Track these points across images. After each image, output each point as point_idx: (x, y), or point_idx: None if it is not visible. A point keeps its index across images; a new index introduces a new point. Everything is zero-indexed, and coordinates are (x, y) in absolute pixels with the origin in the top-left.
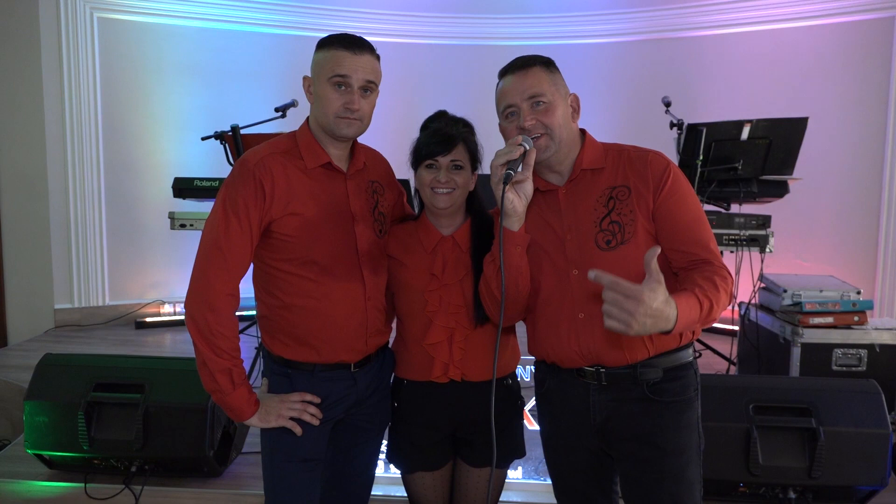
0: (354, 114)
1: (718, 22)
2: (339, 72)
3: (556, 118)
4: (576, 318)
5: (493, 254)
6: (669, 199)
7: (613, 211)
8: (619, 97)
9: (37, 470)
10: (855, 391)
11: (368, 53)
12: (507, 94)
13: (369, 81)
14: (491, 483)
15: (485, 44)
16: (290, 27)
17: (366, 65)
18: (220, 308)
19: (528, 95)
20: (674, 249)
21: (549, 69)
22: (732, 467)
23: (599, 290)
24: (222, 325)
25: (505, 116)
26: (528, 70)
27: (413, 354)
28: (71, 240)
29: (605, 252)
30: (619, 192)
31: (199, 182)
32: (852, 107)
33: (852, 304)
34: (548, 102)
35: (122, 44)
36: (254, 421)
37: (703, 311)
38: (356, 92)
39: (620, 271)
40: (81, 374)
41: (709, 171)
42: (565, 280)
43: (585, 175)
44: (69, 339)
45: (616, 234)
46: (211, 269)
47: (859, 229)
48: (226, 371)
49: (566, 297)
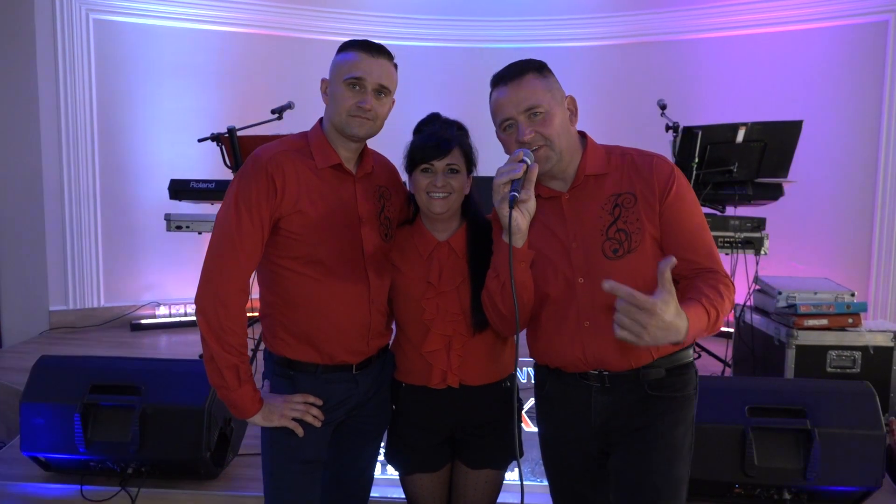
0: (367, 113)
1: (714, 26)
2: (354, 73)
3: (554, 127)
4: (581, 326)
5: (495, 269)
6: (674, 206)
7: (619, 219)
8: (614, 101)
9: (33, 472)
10: (849, 393)
11: (385, 59)
12: (503, 107)
13: (383, 86)
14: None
15: (476, 46)
16: (287, 29)
17: (381, 69)
18: (231, 304)
19: (525, 108)
20: (678, 257)
21: (543, 74)
22: (727, 468)
23: (605, 298)
24: (232, 321)
25: (503, 129)
26: (522, 79)
27: (411, 360)
28: (66, 241)
29: (612, 261)
30: (625, 199)
31: (195, 184)
32: (846, 110)
33: (846, 307)
34: (545, 112)
35: (118, 45)
36: (257, 419)
37: (710, 321)
38: (370, 93)
39: (628, 280)
40: (77, 376)
41: (704, 174)
42: (571, 288)
43: (589, 181)
44: (64, 341)
45: (623, 243)
46: (223, 265)
47: (853, 232)
48: (233, 367)
49: (571, 305)
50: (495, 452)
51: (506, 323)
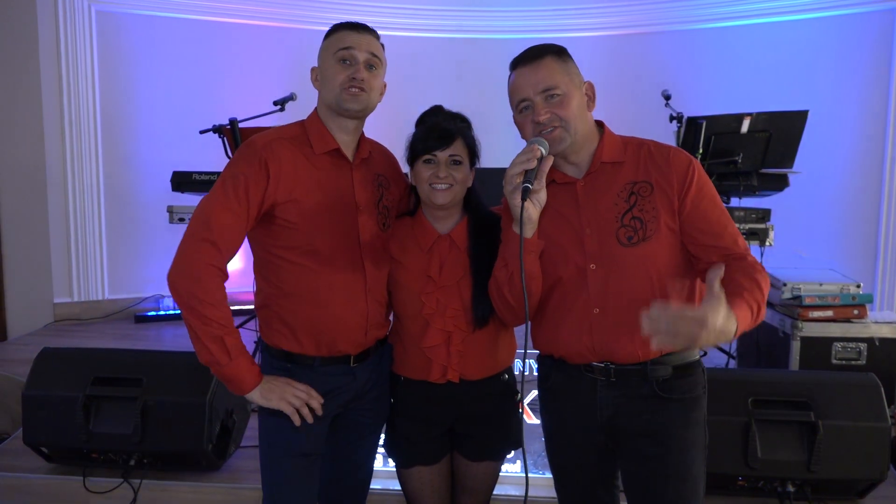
0: (360, 83)
1: (718, 15)
2: (343, 45)
3: (571, 109)
4: (590, 313)
5: (504, 259)
6: (697, 198)
7: (635, 207)
8: (618, 90)
9: (35, 464)
10: (854, 385)
11: (371, 35)
12: (520, 87)
13: (373, 55)
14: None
15: (479, 37)
16: (290, 20)
17: (370, 41)
18: (204, 279)
19: (542, 88)
20: (705, 245)
21: (562, 58)
22: (731, 461)
23: (617, 285)
24: (208, 294)
25: (519, 110)
26: (540, 61)
27: (410, 354)
28: (70, 234)
29: (626, 248)
30: (641, 187)
31: (197, 176)
32: (852, 100)
33: (852, 298)
34: (562, 94)
35: (121, 37)
36: (255, 395)
37: (754, 315)
38: (361, 65)
39: (640, 267)
40: (80, 368)
41: (708, 165)
42: (582, 274)
43: (605, 168)
44: (68, 333)
45: (638, 231)
46: (194, 241)
47: (859, 223)
48: (216, 339)
49: (581, 292)
50: (495, 444)
51: (513, 313)
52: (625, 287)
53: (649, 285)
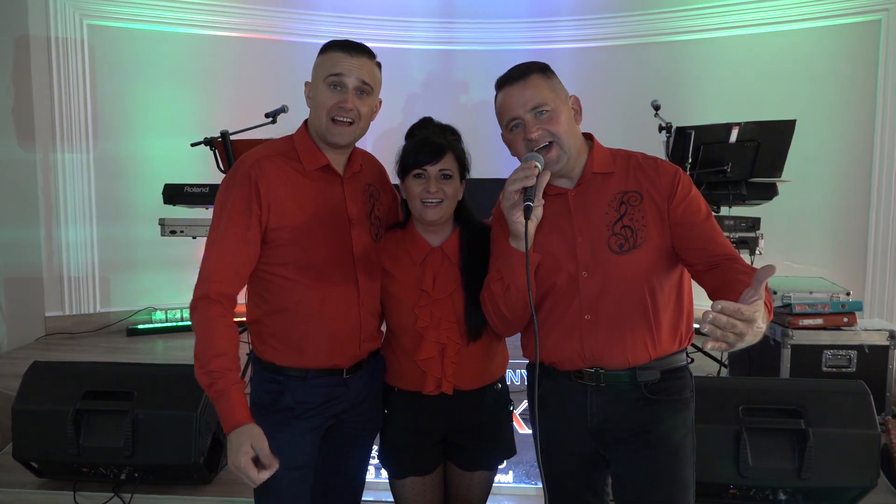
0: (348, 113)
1: (706, 26)
2: (334, 71)
3: (561, 125)
4: (581, 320)
5: (499, 272)
6: (684, 203)
7: (626, 216)
8: (607, 101)
9: (25, 478)
10: (844, 392)
11: (366, 57)
12: (509, 107)
13: (364, 83)
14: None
15: (470, 49)
16: (281, 33)
17: (361, 66)
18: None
19: (531, 106)
20: (694, 249)
21: (547, 75)
22: (722, 470)
23: (609, 292)
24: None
25: (509, 129)
26: (527, 80)
27: (404, 366)
28: (62, 247)
29: (617, 256)
30: (631, 197)
31: (188, 188)
32: (840, 109)
33: (841, 306)
34: (551, 110)
35: (112, 50)
36: (230, 438)
37: (770, 312)
38: (350, 91)
39: (631, 275)
40: (70, 381)
41: (698, 174)
42: (574, 282)
43: (595, 178)
44: (60, 347)
45: (629, 239)
46: (195, 299)
47: (848, 231)
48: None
49: (574, 299)
50: (488, 454)
51: (506, 324)
52: (616, 294)
53: (640, 292)
